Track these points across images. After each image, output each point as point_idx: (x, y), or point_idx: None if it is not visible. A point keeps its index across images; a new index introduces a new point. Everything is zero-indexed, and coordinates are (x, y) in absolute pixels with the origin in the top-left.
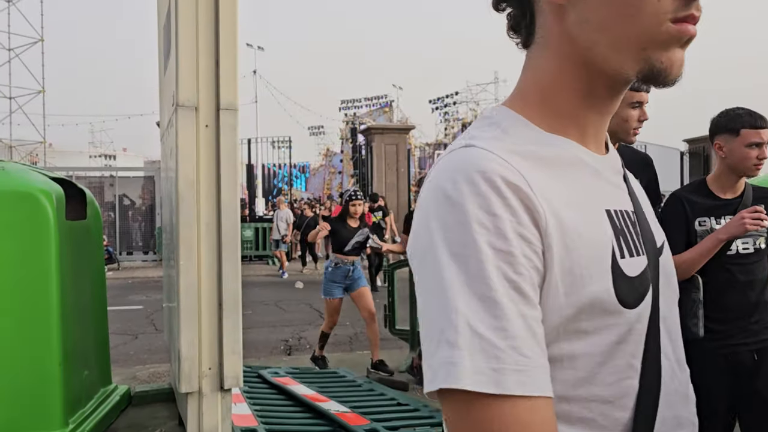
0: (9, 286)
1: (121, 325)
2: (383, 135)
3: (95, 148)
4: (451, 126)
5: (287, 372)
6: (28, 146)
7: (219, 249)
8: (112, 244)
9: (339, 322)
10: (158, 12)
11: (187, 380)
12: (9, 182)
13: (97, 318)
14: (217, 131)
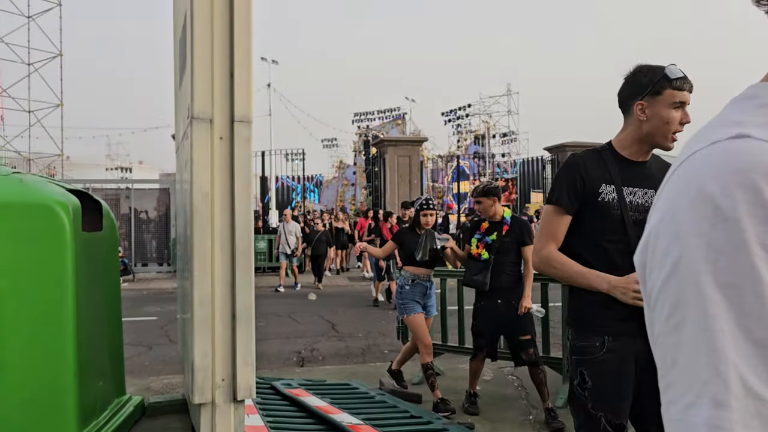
0: (25, 296)
1: (136, 336)
2: (396, 147)
3: (112, 161)
4: (464, 138)
5: (300, 384)
6: (46, 159)
7: (233, 260)
8: (128, 255)
9: (351, 333)
10: (174, 26)
11: (200, 391)
12: (26, 193)
13: (112, 329)
14: (232, 143)
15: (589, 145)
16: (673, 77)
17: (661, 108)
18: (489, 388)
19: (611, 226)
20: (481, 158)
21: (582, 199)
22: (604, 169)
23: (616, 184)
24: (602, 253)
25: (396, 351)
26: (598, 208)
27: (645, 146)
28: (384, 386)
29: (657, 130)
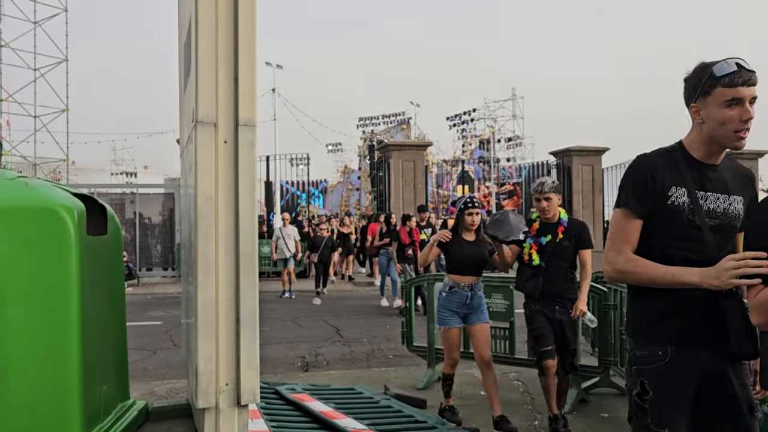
0: (29, 300)
1: (140, 340)
2: (401, 152)
3: (117, 166)
4: (469, 143)
5: (304, 388)
6: (51, 164)
7: (237, 264)
8: (132, 260)
9: (356, 338)
10: (179, 31)
11: (204, 395)
12: (31, 197)
13: (117, 333)
14: (236, 147)
15: (594, 149)
16: (720, 74)
17: (713, 109)
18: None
19: (681, 232)
20: (486, 163)
21: (652, 202)
22: (675, 171)
23: (688, 187)
24: (670, 259)
25: (401, 356)
26: (668, 212)
27: (714, 147)
28: (388, 391)
29: (715, 131)
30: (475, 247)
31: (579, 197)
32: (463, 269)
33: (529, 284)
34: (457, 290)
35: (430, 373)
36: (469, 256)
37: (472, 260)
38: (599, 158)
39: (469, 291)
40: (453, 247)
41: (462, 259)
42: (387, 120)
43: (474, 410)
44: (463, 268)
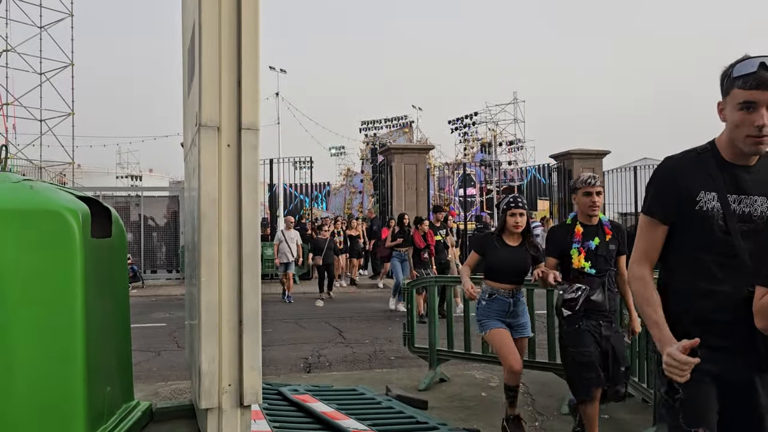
0: (34, 302)
1: (144, 342)
2: (403, 155)
3: (122, 169)
4: (471, 146)
5: (307, 389)
6: (57, 167)
7: (240, 266)
8: (137, 262)
9: (358, 339)
10: (183, 35)
11: (207, 396)
12: (36, 200)
13: (121, 334)
14: (239, 150)
15: (595, 152)
16: (737, 74)
17: (730, 110)
18: (495, 394)
19: (712, 238)
20: (487, 166)
21: (678, 208)
22: (704, 174)
23: (719, 191)
24: (700, 266)
25: (402, 357)
26: (696, 218)
27: (738, 149)
28: (390, 392)
29: (732, 133)
30: (516, 253)
31: None
32: (500, 276)
33: (576, 297)
34: (497, 297)
35: (431, 375)
36: (507, 263)
37: (511, 268)
38: (600, 161)
39: (511, 298)
40: (491, 250)
41: (499, 265)
42: (389, 123)
43: (475, 411)
44: (500, 274)
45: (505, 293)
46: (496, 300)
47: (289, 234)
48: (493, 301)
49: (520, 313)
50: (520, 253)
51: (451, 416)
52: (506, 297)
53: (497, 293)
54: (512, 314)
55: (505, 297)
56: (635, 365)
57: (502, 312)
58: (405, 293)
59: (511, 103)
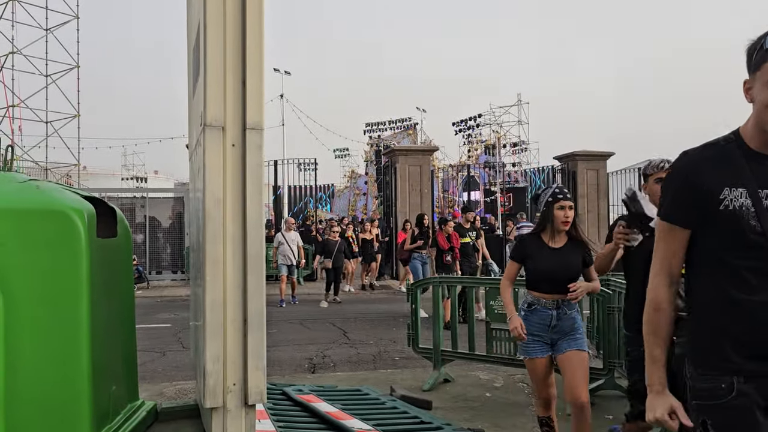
0: (40, 301)
1: (149, 342)
2: (407, 156)
3: (127, 171)
4: (475, 148)
5: (311, 389)
6: (63, 169)
7: (244, 265)
8: (142, 263)
9: (362, 340)
10: (188, 36)
11: (212, 395)
12: (42, 200)
13: (126, 334)
14: (244, 150)
15: (599, 154)
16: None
17: (759, 87)
18: (499, 395)
19: (742, 240)
20: (491, 168)
21: (700, 209)
22: (729, 168)
23: (748, 187)
24: (730, 272)
25: (407, 358)
26: (723, 219)
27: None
28: (394, 392)
29: (760, 115)
30: (562, 256)
31: (584, 202)
32: (542, 284)
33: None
34: (538, 308)
35: (435, 375)
36: (550, 269)
37: (555, 274)
38: (604, 162)
39: (555, 309)
40: (531, 254)
41: (541, 272)
42: (394, 125)
43: (480, 411)
44: (542, 282)
45: (548, 303)
46: (536, 311)
47: (290, 236)
48: (532, 313)
49: (567, 328)
50: (566, 256)
51: (455, 416)
52: (548, 308)
53: (537, 303)
54: (556, 329)
55: (546, 308)
56: None
57: (543, 326)
58: (410, 294)
59: (515, 105)
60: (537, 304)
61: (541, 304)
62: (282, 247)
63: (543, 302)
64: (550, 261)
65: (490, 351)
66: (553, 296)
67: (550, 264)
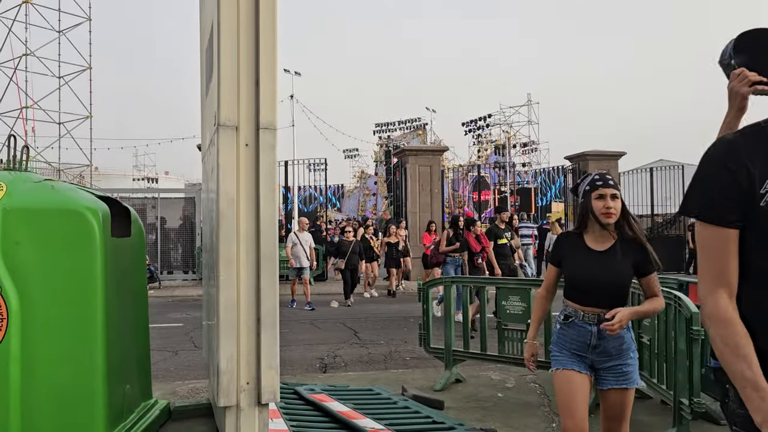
0: (56, 299)
1: (162, 341)
2: (417, 156)
3: (139, 171)
4: (485, 148)
5: (323, 389)
6: (75, 169)
7: (258, 264)
8: (154, 263)
9: (373, 340)
10: (201, 36)
11: (225, 394)
12: (58, 200)
13: (140, 333)
14: (257, 150)
15: (611, 154)
16: None
17: None
18: (511, 395)
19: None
20: (501, 168)
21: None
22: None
23: None
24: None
25: (418, 358)
26: (762, 217)
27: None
28: (406, 392)
29: None
30: (605, 259)
31: None
32: (578, 294)
33: None
34: (575, 322)
35: (447, 375)
36: (588, 275)
37: (598, 282)
38: (616, 162)
39: (596, 325)
40: (566, 255)
41: (576, 277)
42: (403, 126)
43: (491, 411)
44: (577, 291)
45: (588, 317)
46: (572, 325)
47: (303, 236)
48: (569, 327)
49: (613, 350)
50: (611, 260)
51: (467, 416)
52: (588, 323)
53: (575, 316)
54: (597, 349)
55: (585, 323)
56: (653, 366)
57: (581, 344)
58: (421, 294)
59: (525, 105)
60: (574, 317)
61: (578, 318)
62: (296, 248)
63: (581, 315)
64: (589, 266)
65: (502, 351)
66: (593, 309)
67: (588, 270)
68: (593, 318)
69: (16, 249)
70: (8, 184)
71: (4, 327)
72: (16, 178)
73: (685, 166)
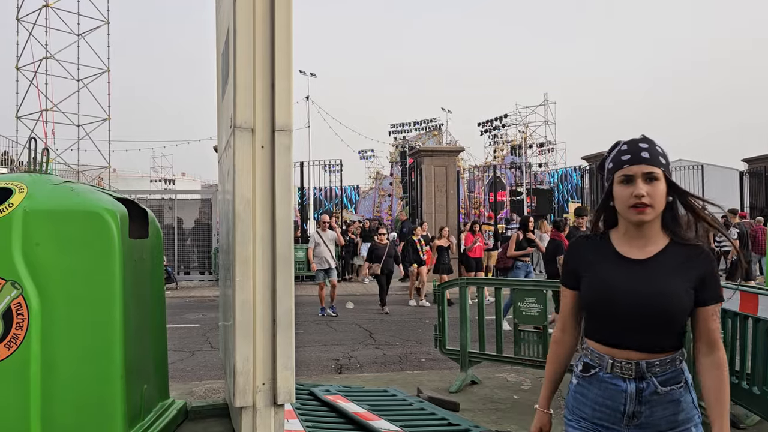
0: (75, 300)
1: (179, 342)
2: (432, 157)
3: (156, 173)
4: (500, 148)
5: (338, 390)
6: (94, 171)
7: (273, 266)
8: (171, 264)
9: (389, 341)
10: (217, 40)
11: (241, 395)
12: (77, 201)
13: (157, 334)
14: (272, 152)
15: None
16: None
17: None
18: (527, 396)
19: None
20: (518, 168)
21: None
22: None
23: None
24: None
25: (433, 359)
26: None
27: None
28: (421, 393)
29: None
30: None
31: None
32: (611, 331)
33: None
34: (601, 376)
35: (462, 377)
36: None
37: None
38: None
39: (635, 381)
40: (590, 269)
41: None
42: (419, 126)
43: (507, 414)
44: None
45: (620, 368)
46: (596, 381)
47: (327, 235)
48: (589, 383)
49: (662, 421)
50: (656, 275)
51: (482, 419)
52: (622, 377)
53: (600, 366)
54: (635, 420)
55: (618, 377)
56: None
57: (609, 412)
58: (437, 295)
59: (542, 105)
60: (599, 368)
61: (606, 368)
62: (319, 248)
63: (610, 365)
64: (621, 284)
65: (518, 353)
66: (631, 355)
67: (620, 290)
68: (630, 369)
69: (37, 250)
70: (29, 186)
71: (25, 327)
72: (36, 180)
73: (704, 166)
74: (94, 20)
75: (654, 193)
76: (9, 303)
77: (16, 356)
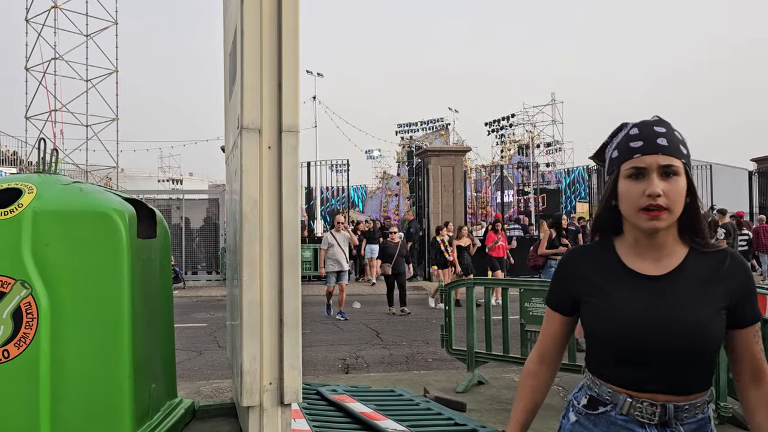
0: (84, 300)
1: (186, 341)
2: (439, 157)
3: (164, 173)
4: (508, 148)
5: (345, 390)
6: (102, 171)
7: (280, 266)
8: (178, 263)
9: (395, 341)
10: (224, 41)
11: (248, 394)
12: (86, 202)
13: (165, 333)
14: (279, 152)
15: None
16: None
17: None
18: None
19: None
20: (525, 168)
21: None
22: None
23: None
24: None
25: (440, 359)
26: None
27: None
28: (428, 393)
29: None
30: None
31: None
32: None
33: None
34: (612, 416)
35: (469, 377)
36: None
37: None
38: None
39: (656, 429)
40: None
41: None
42: (425, 126)
43: None
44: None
45: (640, 412)
46: (603, 421)
47: (340, 236)
48: (594, 423)
49: None
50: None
51: (489, 419)
52: (639, 423)
53: (613, 404)
54: None
55: (633, 423)
56: None
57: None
58: (444, 295)
59: (549, 104)
60: (610, 406)
61: (620, 408)
62: (332, 249)
63: (628, 404)
64: (637, 313)
65: (525, 353)
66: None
67: (637, 321)
68: (649, 412)
69: (46, 250)
70: (38, 186)
71: (35, 326)
72: (45, 180)
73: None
74: (103, 21)
75: (672, 192)
76: (19, 302)
77: (26, 355)
